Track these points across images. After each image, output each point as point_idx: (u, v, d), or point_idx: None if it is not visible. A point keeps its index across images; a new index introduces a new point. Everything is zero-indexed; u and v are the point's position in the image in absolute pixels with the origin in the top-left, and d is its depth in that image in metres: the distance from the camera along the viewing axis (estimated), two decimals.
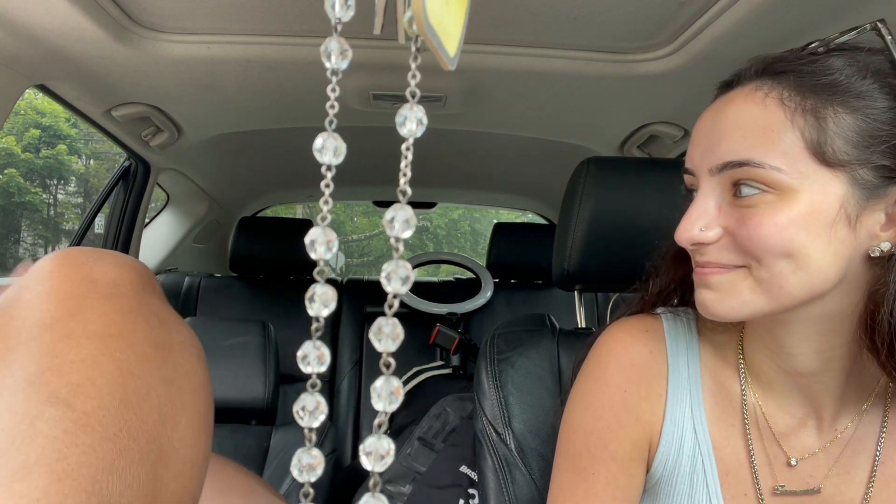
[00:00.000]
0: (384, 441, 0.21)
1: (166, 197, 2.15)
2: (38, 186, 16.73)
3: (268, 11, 0.92)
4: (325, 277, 0.21)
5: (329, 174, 0.21)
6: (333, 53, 0.20)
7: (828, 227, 0.46)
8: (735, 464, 0.57)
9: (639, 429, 0.59)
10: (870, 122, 0.45)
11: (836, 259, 0.46)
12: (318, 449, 0.22)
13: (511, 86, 1.20)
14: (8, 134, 15.22)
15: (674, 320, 0.63)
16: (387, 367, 0.21)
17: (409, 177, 0.20)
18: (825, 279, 0.47)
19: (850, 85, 0.46)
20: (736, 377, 0.59)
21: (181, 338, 0.41)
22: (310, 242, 0.21)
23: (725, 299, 0.50)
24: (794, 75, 0.48)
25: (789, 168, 0.46)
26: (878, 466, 0.54)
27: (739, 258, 0.49)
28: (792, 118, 0.46)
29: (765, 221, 0.47)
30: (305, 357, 0.21)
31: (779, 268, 0.47)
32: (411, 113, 0.21)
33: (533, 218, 2.72)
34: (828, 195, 0.46)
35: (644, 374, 0.60)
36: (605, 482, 0.59)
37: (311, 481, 0.22)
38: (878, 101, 0.46)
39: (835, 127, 0.45)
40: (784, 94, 0.47)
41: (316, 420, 0.22)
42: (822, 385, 0.54)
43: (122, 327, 0.36)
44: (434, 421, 1.32)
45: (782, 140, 0.46)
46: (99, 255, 0.42)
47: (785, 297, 0.48)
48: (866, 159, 0.45)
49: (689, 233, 0.51)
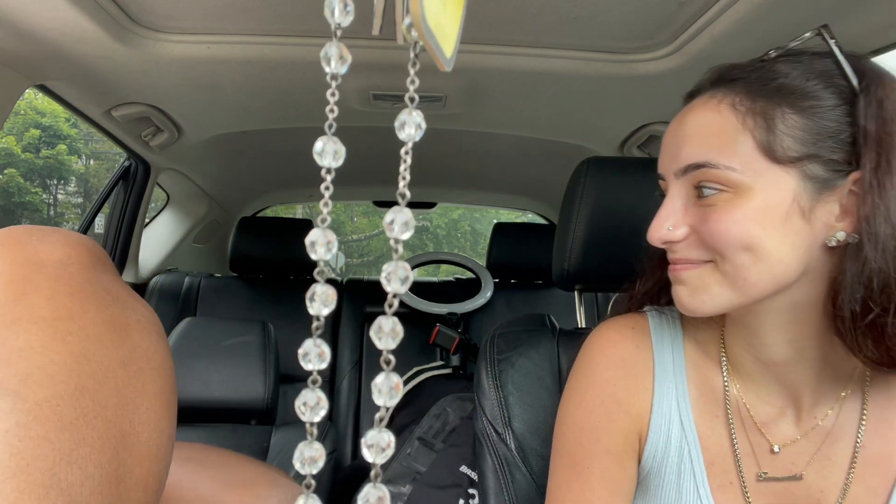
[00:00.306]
0: (385, 434, 0.21)
1: (166, 197, 2.15)
2: (38, 186, 16.74)
3: (268, 11, 0.92)
4: (325, 277, 0.21)
5: (329, 177, 0.21)
6: (333, 58, 0.21)
7: (783, 220, 0.49)
8: (720, 453, 0.59)
9: (629, 422, 0.62)
10: (817, 120, 0.49)
11: (793, 250, 0.49)
12: (319, 443, 0.22)
13: (511, 86, 1.20)
14: (8, 134, 15.22)
15: (659, 318, 0.66)
16: (387, 364, 0.21)
17: (408, 180, 0.20)
18: (786, 269, 0.50)
19: (796, 87, 0.50)
20: (718, 370, 0.61)
21: (138, 316, 0.39)
22: (310, 243, 0.21)
23: (697, 294, 0.54)
24: (745, 82, 0.52)
25: (743, 167, 0.50)
26: (859, 452, 0.56)
27: (706, 253, 0.53)
28: (743, 121, 0.50)
29: (723, 218, 0.50)
30: (307, 354, 0.22)
31: (740, 260, 0.50)
32: (410, 118, 0.21)
33: (533, 218, 2.72)
34: (780, 190, 0.49)
35: (631, 368, 0.63)
36: (600, 476, 0.61)
37: (313, 473, 0.22)
38: (824, 100, 0.49)
39: (783, 126, 0.49)
40: (736, 99, 0.51)
41: (317, 415, 0.22)
42: (799, 374, 0.56)
43: (72, 309, 0.34)
44: (434, 421, 1.33)
45: (735, 142, 0.50)
46: (43, 234, 0.39)
47: (750, 289, 0.51)
48: (815, 155, 0.48)
49: (659, 232, 0.55)
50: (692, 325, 0.65)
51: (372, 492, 0.21)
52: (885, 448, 0.56)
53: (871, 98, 0.48)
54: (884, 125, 0.47)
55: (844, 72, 0.50)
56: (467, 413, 1.31)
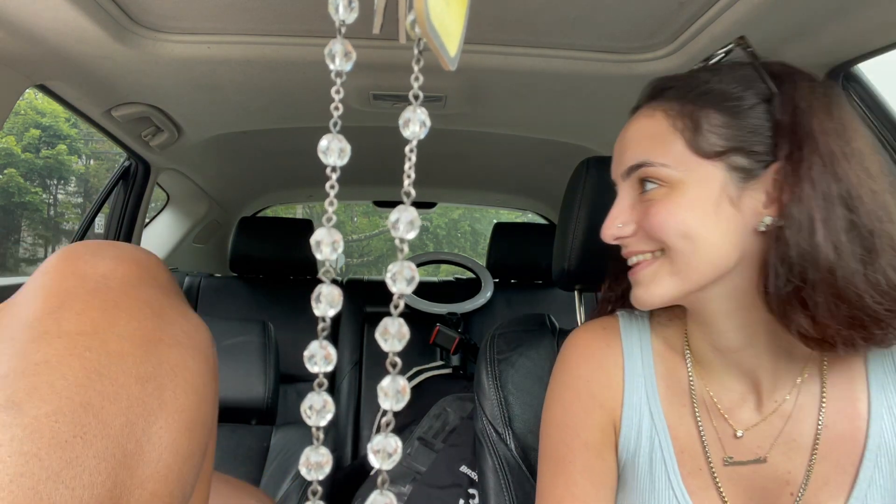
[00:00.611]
0: (391, 439, 0.21)
1: (166, 197, 2.15)
2: (38, 186, 16.72)
3: (268, 11, 0.92)
4: (330, 278, 0.21)
5: (334, 175, 0.21)
6: (337, 56, 0.20)
7: (714, 208, 0.55)
8: (689, 441, 0.63)
9: (604, 415, 0.66)
10: (738, 118, 0.55)
11: (726, 235, 0.55)
12: (325, 447, 0.22)
13: (511, 86, 1.20)
14: (8, 134, 15.21)
15: (629, 318, 0.70)
16: (393, 367, 0.21)
17: (413, 178, 0.20)
18: (722, 254, 0.55)
19: (718, 90, 0.56)
20: (683, 363, 0.66)
21: (175, 330, 0.39)
22: (315, 243, 0.21)
23: (650, 289, 0.59)
24: (675, 91, 0.59)
25: (675, 164, 0.56)
26: (822, 432, 0.59)
27: (652, 244, 0.58)
28: (674, 124, 0.57)
29: (661, 210, 0.56)
30: (312, 357, 0.21)
31: (680, 247, 0.56)
32: (414, 115, 0.21)
33: (533, 218, 2.72)
34: (710, 181, 0.55)
35: (602, 364, 0.67)
36: (581, 469, 0.65)
37: (319, 479, 0.22)
38: (744, 100, 0.55)
39: (708, 125, 0.55)
40: (667, 106, 0.58)
41: (323, 419, 0.22)
42: (755, 359, 0.60)
43: (99, 324, 0.35)
44: (434, 421, 1.32)
45: (667, 142, 0.57)
46: (97, 248, 0.41)
47: (693, 274, 0.56)
48: (738, 148, 0.55)
49: (610, 230, 0.61)
50: (659, 323, 0.69)
51: (379, 499, 0.21)
52: (849, 426, 0.58)
53: (785, 95, 0.54)
54: (796, 119, 0.53)
55: (762, 75, 0.56)
56: (467, 413, 1.31)
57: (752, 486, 0.60)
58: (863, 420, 0.58)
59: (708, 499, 0.61)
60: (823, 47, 0.88)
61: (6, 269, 16.47)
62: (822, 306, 0.51)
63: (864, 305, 0.51)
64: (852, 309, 0.51)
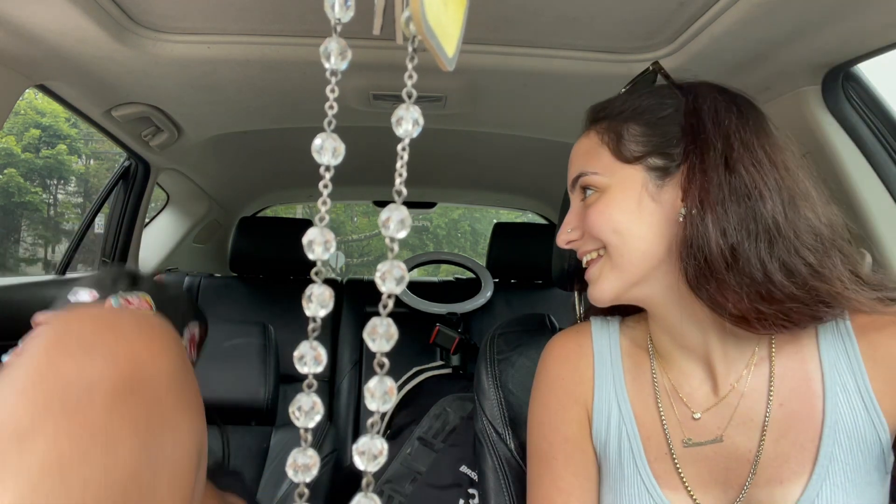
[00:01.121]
0: (377, 441, 0.21)
1: (166, 197, 2.15)
2: (38, 186, 16.73)
3: (268, 11, 0.92)
4: (322, 278, 0.21)
5: (328, 175, 0.21)
6: (333, 54, 0.20)
7: (636, 204, 0.63)
8: (654, 428, 0.68)
9: (579, 409, 0.72)
10: (653, 126, 0.64)
11: (650, 227, 0.62)
12: (313, 449, 0.22)
13: (511, 86, 1.20)
14: (8, 134, 15.22)
15: (602, 323, 0.77)
16: (380, 368, 0.21)
17: (405, 177, 0.20)
18: (650, 244, 0.62)
19: (636, 106, 0.66)
20: (647, 357, 0.72)
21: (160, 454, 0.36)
22: (307, 243, 0.21)
23: (598, 285, 0.66)
24: (603, 111, 0.69)
25: (603, 171, 0.65)
26: (771, 411, 0.63)
27: (595, 243, 0.66)
28: (601, 139, 0.67)
29: (593, 212, 0.64)
30: (302, 357, 0.21)
31: (613, 242, 0.63)
32: (407, 113, 0.21)
33: (533, 218, 2.72)
34: (631, 182, 0.63)
35: (575, 363, 0.74)
36: (564, 462, 0.70)
37: (307, 481, 0.22)
38: (657, 111, 0.65)
39: (628, 135, 0.65)
40: (598, 126, 0.68)
41: (311, 420, 0.22)
42: (706, 346, 0.65)
43: (67, 460, 0.32)
44: (434, 421, 1.32)
45: (597, 154, 0.67)
46: (91, 343, 0.37)
47: (628, 265, 0.63)
48: (653, 151, 0.63)
49: (562, 236, 0.70)
50: (628, 326, 0.76)
51: (363, 501, 0.21)
52: (805, 405, 0.62)
53: (689, 104, 0.63)
54: (698, 123, 0.62)
55: (672, 89, 0.66)
56: (467, 413, 1.31)
57: (715, 466, 0.64)
58: (818, 398, 0.62)
59: (673, 481, 0.65)
60: (823, 47, 0.88)
61: (6, 268, 16.47)
62: (728, 284, 0.57)
63: (773, 282, 0.56)
64: (761, 286, 0.56)
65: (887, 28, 0.81)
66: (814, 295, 0.57)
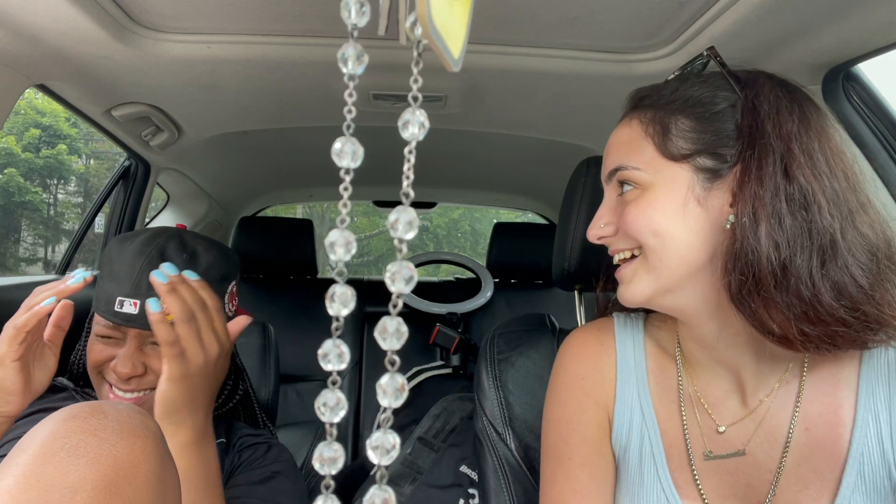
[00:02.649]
0: (390, 436, 0.22)
1: (166, 197, 2.15)
2: (38, 186, 16.72)
3: (268, 11, 0.92)
4: (345, 279, 0.22)
5: (347, 178, 0.21)
6: (350, 59, 0.21)
7: (681, 207, 0.58)
8: (675, 435, 0.65)
9: (599, 411, 0.69)
10: (704, 122, 0.58)
11: (694, 232, 0.57)
12: (338, 443, 0.23)
13: (511, 86, 1.20)
14: (8, 134, 15.21)
15: (624, 320, 0.73)
16: (392, 365, 0.21)
17: (412, 179, 0.20)
18: (691, 251, 0.58)
19: (687, 97, 0.60)
20: (673, 362, 0.68)
21: None
22: (329, 244, 0.21)
23: (630, 286, 0.62)
24: (649, 100, 0.63)
25: (646, 166, 0.60)
26: (794, 433, 0.60)
27: (630, 242, 0.61)
28: (646, 130, 0.61)
29: (633, 210, 0.60)
30: (326, 355, 0.22)
31: (652, 244, 0.59)
32: (414, 117, 0.21)
33: (533, 218, 2.72)
34: (676, 182, 0.58)
35: (596, 362, 0.70)
36: (581, 464, 0.68)
37: (333, 473, 0.22)
38: (711, 106, 0.59)
39: (676, 130, 0.59)
40: (641, 115, 0.62)
41: (337, 415, 0.22)
42: (739, 359, 0.62)
43: None
44: (434, 421, 1.33)
45: (640, 147, 0.61)
46: (77, 445, 0.39)
47: (666, 270, 0.59)
48: (704, 150, 0.58)
49: (594, 230, 0.65)
50: (653, 325, 0.72)
51: (378, 493, 0.21)
52: (829, 433, 0.59)
53: (747, 100, 0.58)
54: (756, 123, 0.56)
55: (729, 82, 0.60)
56: (467, 413, 1.31)
57: (735, 480, 0.62)
58: (845, 427, 0.59)
59: (691, 492, 0.63)
60: (823, 47, 0.88)
61: (6, 268, 16.47)
62: (775, 301, 0.53)
63: (821, 302, 0.52)
64: (808, 305, 0.52)
65: (888, 28, 0.81)
66: (862, 320, 0.53)
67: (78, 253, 1.73)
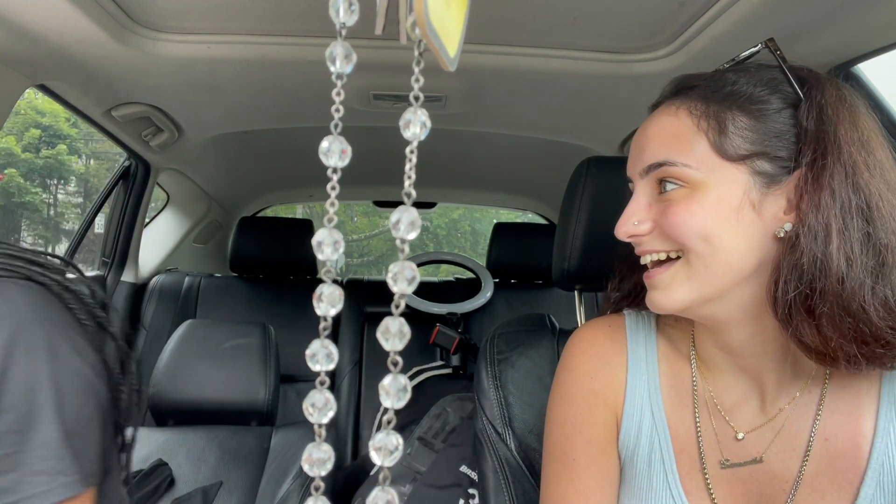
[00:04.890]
0: (393, 437, 0.21)
1: (166, 197, 2.15)
2: (38, 186, 16.72)
3: (268, 11, 0.92)
4: (332, 278, 0.21)
5: (335, 177, 0.21)
6: (338, 58, 0.20)
7: (734, 212, 0.53)
8: (689, 441, 0.62)
9: (607, 412, 0.66)
10: (764, 121, 0.54)
11: (745, 239, 0.54)
12: (327, 444, 0.22)
13: (511, 86, 1.20)
14: (8, 134, 15.20)
15: (636, 317, 0.70)
16: (394, 365, 0.21)
17: (413, 179, 0.20)
18: (741, 259, 0.54)
19: (745, 92, 0.55)
20: (688, 365, 0.65)
21: None
22: (317, 244, 0.21)
23: (668, 293, 0.57)
24: (700, 89, 0.57)
25: (698, 164, 0.54)
26: (818, 443, 0.58)
27: (668, 244, 0.57)
28: (698, 124, 0.55)
29: (681, 210, 0.55)
30: (314, 355, 0.22)
31: (699, 249, 0.54)
32: (415, 116, 0.21)
33: (533, 218, 2.72)
34: (732, 185, 0.54)
35: (606, 362, 0.67)
36: (585, 465, 0.65)
37: (322, 475, 0.22)
38: (770, 104, 0.55)
39: (733, 128, 0.54)
40: (692, 105, 0.57)
41: (325, 416, 0.22)
42: (762, 366, 0.60)
43: None
44: (434, 421, 1.33)
45: (691, 142, 0.55)
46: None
47: (712, 277, 0.55)
48: (763, 152, 0.54)
49: (625, 227, 0.60)
50: (666, 324, 0.69)
51: (380, 495, 0.21)
52: (849, 444, 0.58)
53: (812, 102, 0.54)
54: (821, 125, 0.52)
55: (789, 79, 0.56)
56: (467, 413, 1.31)
57: (750, 489, 0.60)
58: (865, 439, 0.57)
59: (704, 499, 0.61)
60: (823, 47, 0.88)
61: None
62: (827, 317, 0.50)
63: (869, 320, 0.50)
64: (857, 323, 0.50)
65: (888, 28, 0.81)
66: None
67: (78, 253, 1.73)
